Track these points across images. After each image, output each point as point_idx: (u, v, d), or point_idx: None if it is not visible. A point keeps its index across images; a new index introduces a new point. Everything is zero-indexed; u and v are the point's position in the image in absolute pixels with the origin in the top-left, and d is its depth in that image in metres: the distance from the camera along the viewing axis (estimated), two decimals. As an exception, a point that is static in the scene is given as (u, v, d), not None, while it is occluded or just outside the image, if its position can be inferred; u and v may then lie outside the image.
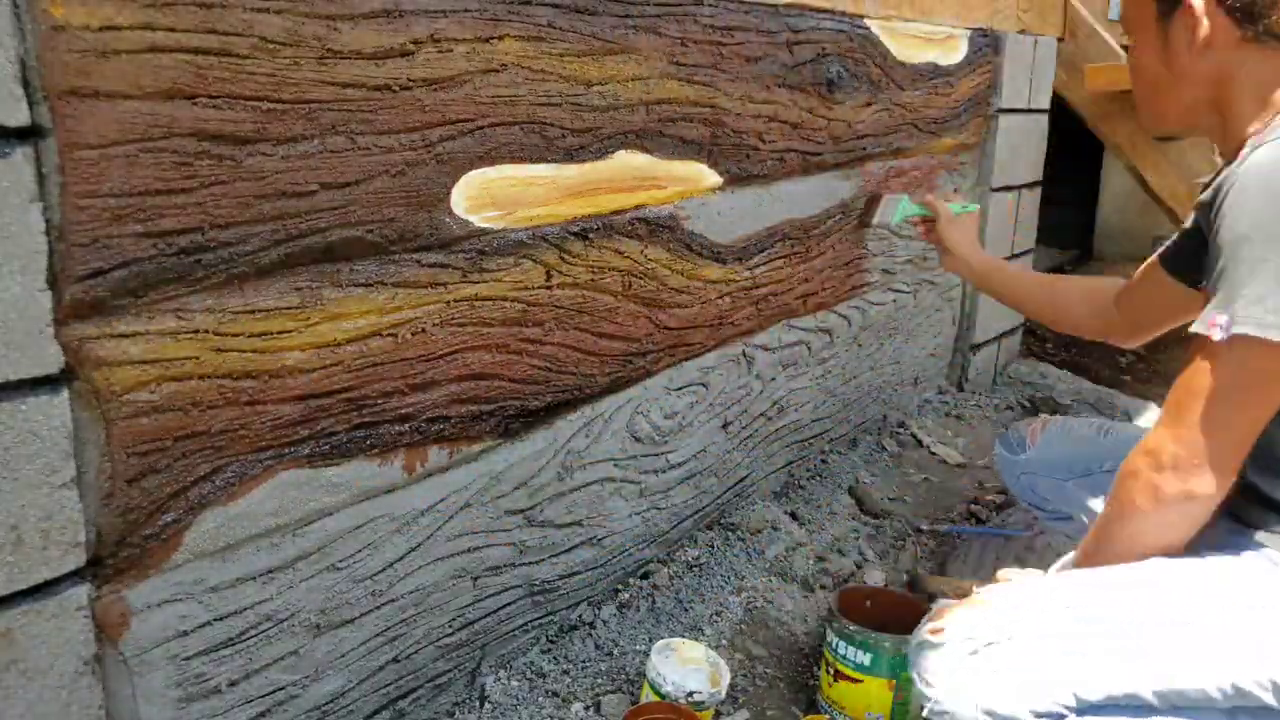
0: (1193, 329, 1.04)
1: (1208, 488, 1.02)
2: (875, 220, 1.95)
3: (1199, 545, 1.10)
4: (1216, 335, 1.00)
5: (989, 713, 1.02)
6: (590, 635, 1.51)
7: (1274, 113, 1.08)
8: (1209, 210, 1.08)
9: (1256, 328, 0.97)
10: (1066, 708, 1.00)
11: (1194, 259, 1.20)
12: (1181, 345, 1.12)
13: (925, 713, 1.09)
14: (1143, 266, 1.43)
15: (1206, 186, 1.14)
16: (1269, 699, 0.98)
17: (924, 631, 1.12)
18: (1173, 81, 1.16)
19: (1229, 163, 1.10)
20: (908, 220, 1.91)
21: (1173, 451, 1.03)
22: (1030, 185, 2.80)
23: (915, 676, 1.11)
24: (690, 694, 1.26)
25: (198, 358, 0.95)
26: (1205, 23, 1.09)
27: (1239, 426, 1.02)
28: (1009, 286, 1.70)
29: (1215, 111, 1.16)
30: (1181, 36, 1.12)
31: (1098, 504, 1.42)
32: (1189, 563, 1.09)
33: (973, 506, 2.03)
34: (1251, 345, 0.98)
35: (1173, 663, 0.99)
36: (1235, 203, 1.02)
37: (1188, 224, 1.29)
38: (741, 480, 1.89)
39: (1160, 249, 1.39)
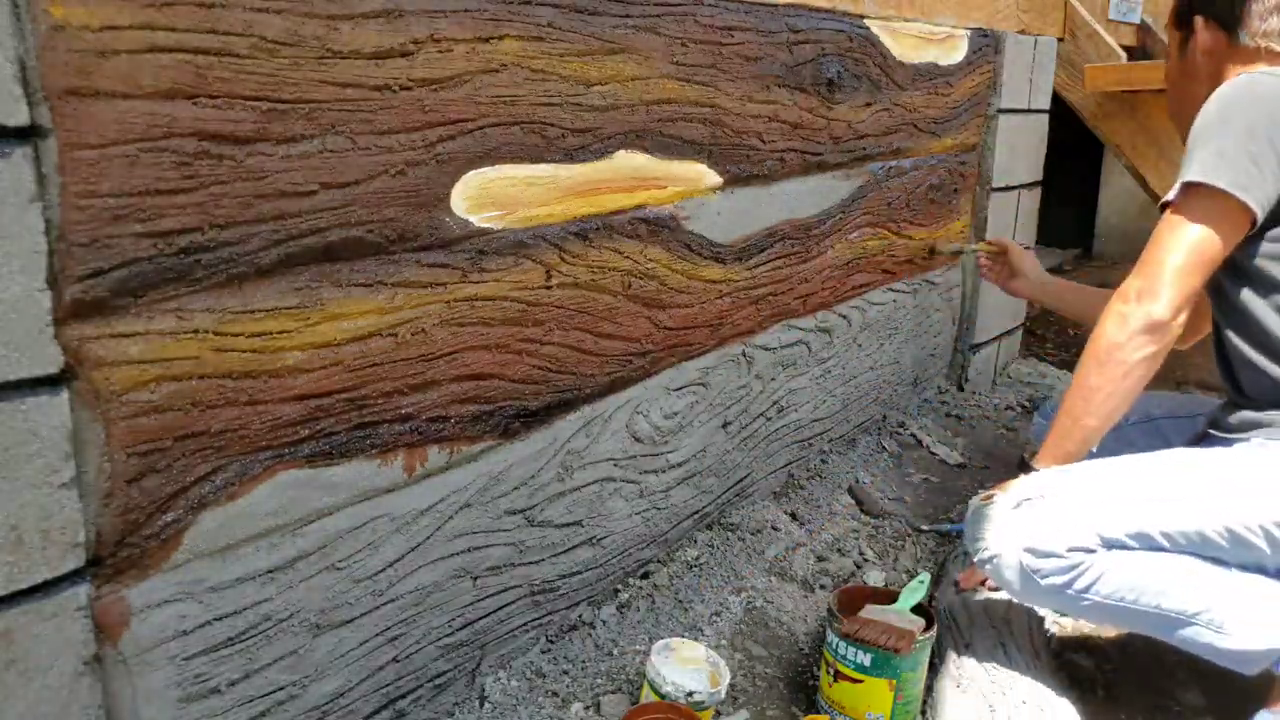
0: (1159, 205, 1.35)
1: (1164, 310, 1.29)
2: (944, 248, 2.33)
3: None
4: (1171, 195, 1.32)
5: (1030, 549, 1.28)
6: (590, 635, 1.51)
7: None
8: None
9: (1199, 175, 1.29)
10: (1093, 544, 1.26)
11: None
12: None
13: (975, 559, 1.37)
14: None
15: None
16: (1259, 542, 1.24)
17: (977, 500, 1.40)
18: (1188, 85, 1.53)
19: None
20: (975, 253, 2.24)
21: (1135, 285, 1.32)
22: (1030, 185, 2.80)
23: (968, 538, 1.38)
24: (690, 694, 1.26)
25: (198, 358, 0.95)
26: (1204, 35, 1.49)
27: (1186, 254, 1.30)
28: (1079, 303, 1.97)
29: None
30: (1193, 51, 1.52)
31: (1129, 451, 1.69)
32: (1189, 449, 1.40)
33: (973, 506, 2.03)
34: (1196, 190, 1.30)
35: (1178, 509, 1.26)
36: (1198, 117, 1.35)
37: None
38: (741, 480, 1.89)
39: None
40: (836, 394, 2.15)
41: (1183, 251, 1.30)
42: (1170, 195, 1.34)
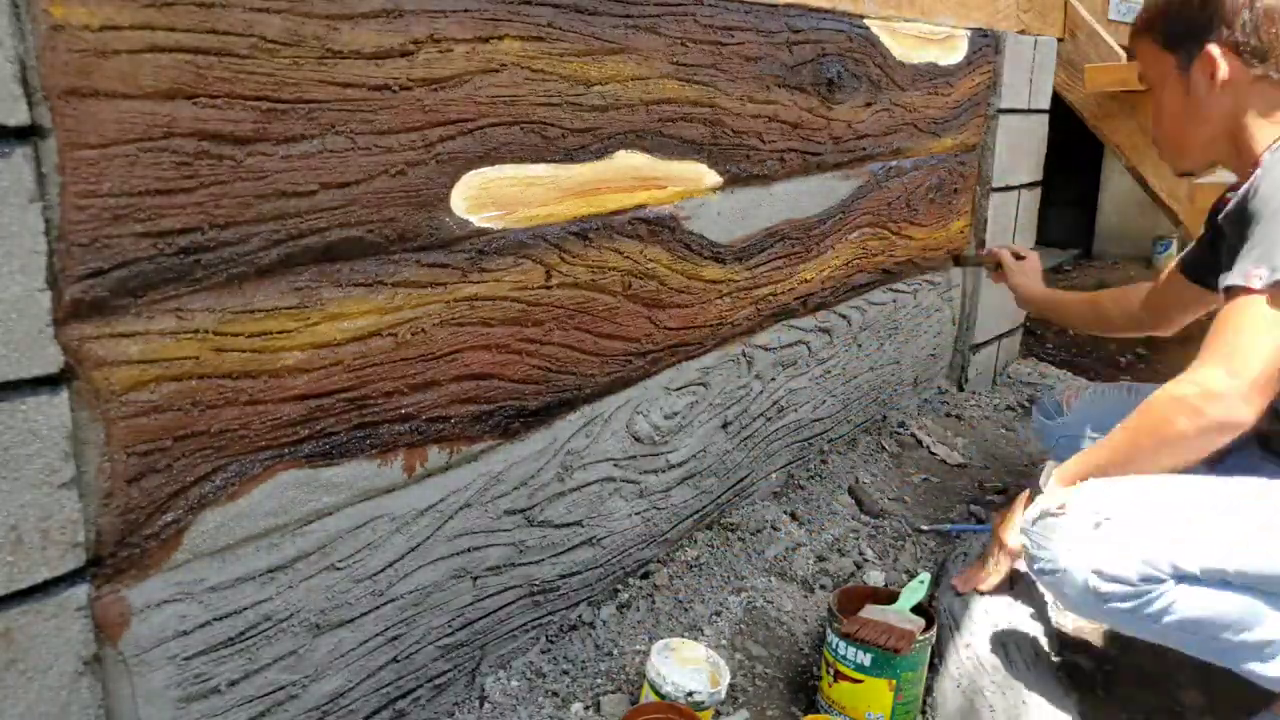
0: (1229, 281, 1.22)
1: (1249, 415, 1.19)
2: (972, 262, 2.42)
3: (1231, 470, 1.34)
4: (1256, 284, 1.19)
5: (1099, 572, 1.20)
6: (590, 635, 1.51)
7: None
8: (1241, 210, 1.28)
9: None
10: (1164, 574, 1.18)
11: (1212, 267, 1.40)
12: (1178, 345, 1.26)
13: (1033, 567, 1.29)
14: (1165, 273, 1.73)
15: (1224, 201, 1.37)
16: None
17: (1045, 506, 1.29)
18: (1195, 120, 1.36)
19: (1244, 179, 1.31)
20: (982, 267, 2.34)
21: (1223, 383, 1.19)
22: (1030, 185, 2.80)
23: (1031, 542, 1.28)
24: (690, 694, 1.26)
25: (198, 358, 0.95)
26: (1223, 65, 1.31)
27: (1277, 362, 1.19)
28: (1064, 312, 2.01)
29: (1230, 141, 1.36)
30: (1201, 81, 1.34)
31: None
32: (1263, 481, 1.27)
33: (973, 506, 2.03)
34: None
35: (1258, 550, 1.17)
36: (1272, 179, 1.24)
37: (1203, 233, 1.56)
38: (741, 480, 1.89)
39: (1181, 258, 1.66)
40: (836, 394, 2.14)
41: (1272, 352, 1.19)
42: (1252, 282, 1.20)
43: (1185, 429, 1.23)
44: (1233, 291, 1.22)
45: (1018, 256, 2.10)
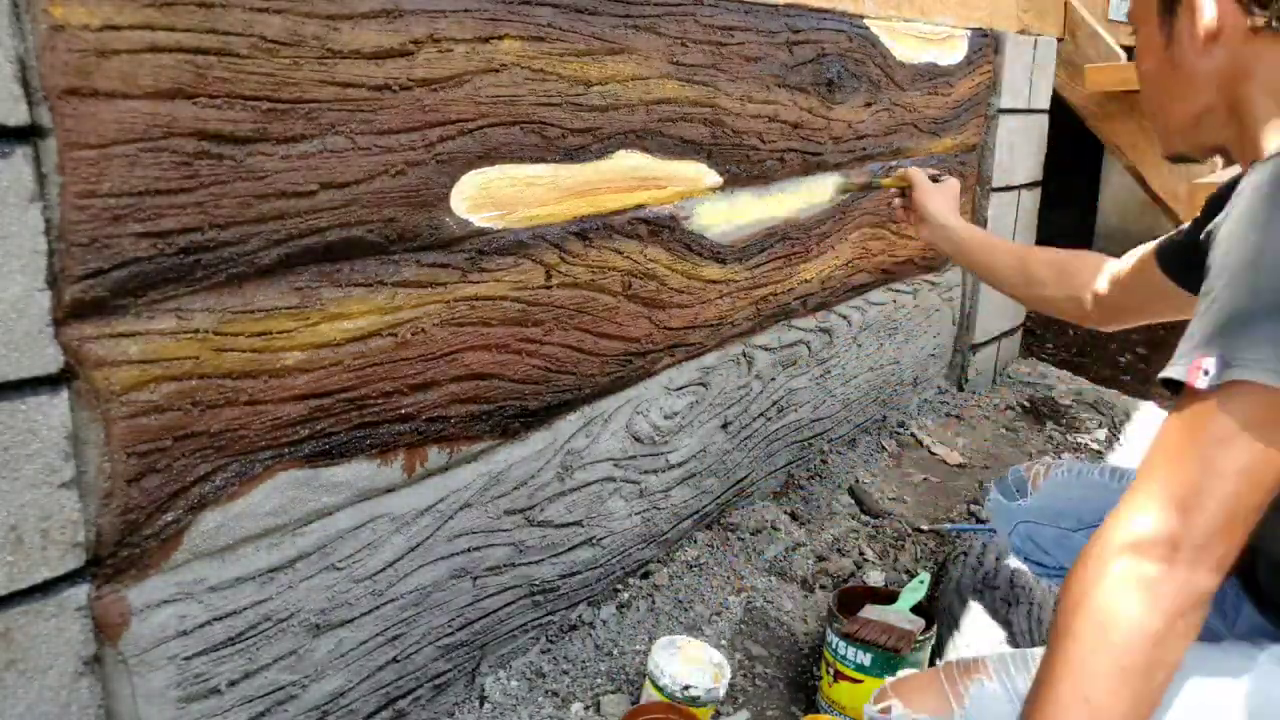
0: (1167, 373, 0.82)
1: (1216, 576, 0.79)
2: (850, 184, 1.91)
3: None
4: (1200, 382, 0.79)
5: None
6: (590, 635, 1.51)
7: None
8: (1210, 236, 0.89)
9: (1269, 376, 0.76)
10: None
11: (1188, 263, 1.11)
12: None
13: None
14: (1135, 256, 1.32)
15: (1221, 196, 1.01)
16: None
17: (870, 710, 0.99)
18: (1180, 86, 0.97)
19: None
20: (879, 188, 1.82)
21: (1163, 528, 0.78)
22: (1030, 185, 2.80)
23: None
24: (686, 688, 1.26)
25: (198, 358, 0.95)
26: (1208, 11, 0.90)
27: (1245, 487, 0.78)
28: (987, 259, 1.53)
29: (1232, 120, 0.95)
30: (1186, 30, 0.94)
31: None
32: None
33: (973, 506, 2.03)
34: (1255, 390, 0.76)
35: None
36: (1241, 213, 0.84)
37: (1187, 226, 1.22)
38: (741, 480, 1.89)
39: (1158, 241, 1.28)
40: (836, 394, 2.14)
41: (1235, 480, 0.78)
42: (1200, 378, 0.79)
43: (1150, 623, 0.77)
44: (1174, 388, 0.82)
45: (934, 179, 1.61)
